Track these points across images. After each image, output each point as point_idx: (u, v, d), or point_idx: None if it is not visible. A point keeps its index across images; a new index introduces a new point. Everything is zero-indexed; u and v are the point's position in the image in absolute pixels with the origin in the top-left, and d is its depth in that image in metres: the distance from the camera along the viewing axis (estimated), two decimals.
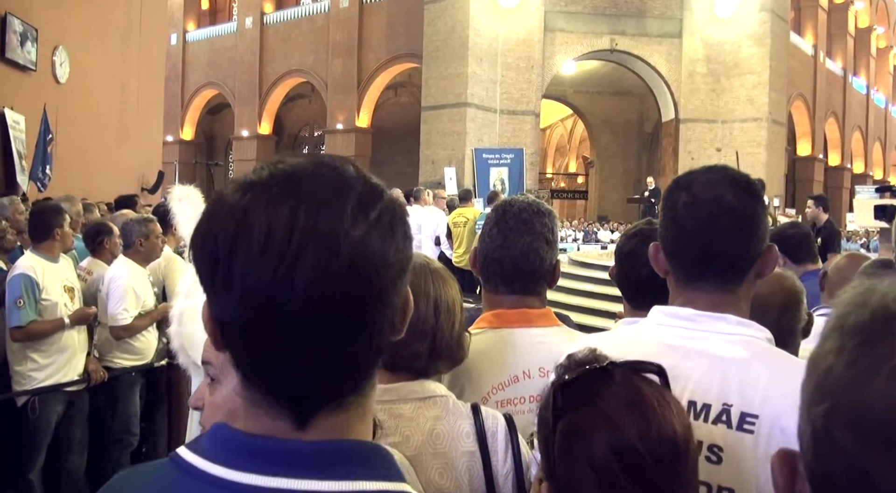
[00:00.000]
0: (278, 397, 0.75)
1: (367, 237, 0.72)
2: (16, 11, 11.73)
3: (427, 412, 1.51)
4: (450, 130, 22.47)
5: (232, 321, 0.74)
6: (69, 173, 12.23)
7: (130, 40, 16.15)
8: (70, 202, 6.42)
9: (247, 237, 0.71)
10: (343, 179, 0.75)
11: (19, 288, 4.49)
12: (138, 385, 5.23)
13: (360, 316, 0.74)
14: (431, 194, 11.56)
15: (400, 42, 27.48)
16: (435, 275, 1.62)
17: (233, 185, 0.76)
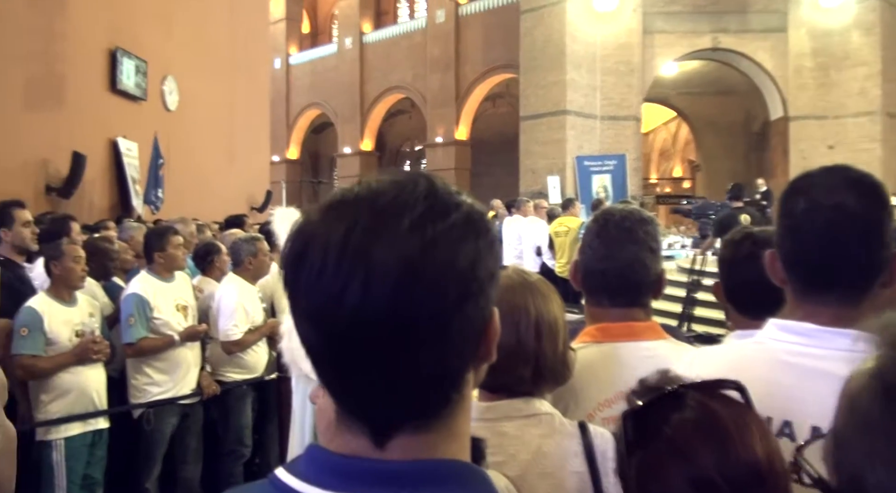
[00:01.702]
0: (355, 415, 0.76)
1: (421, 257, 0.70)
2: (126, 46, 12.34)
3: (532, 431, 1.47)
4: (549, 139, 22.28)
5: (304, 340, 0.75)
6: (181, 196, 12.74)
7: (236, 67, 16.75)
8: (184, 223, 6.66)
9: (308, 258, 0.72)
10: (405, 196, 0.73)
11: (131, 306, 4.72)
12: (250, 398, 5.38)
13: (415, 339, 0.71)
14: (532, 204, 11.49)
15: (496, 53, 27.52)
16: (534, 292, 1.56)
17: (315, 206, 0.77)
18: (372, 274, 0.69)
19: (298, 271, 0.73)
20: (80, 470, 4.25)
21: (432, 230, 0.71)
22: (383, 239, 0.70)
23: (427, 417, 0.75)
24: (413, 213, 0.71)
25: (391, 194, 0.73)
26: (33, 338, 4.13)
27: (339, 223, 0.71)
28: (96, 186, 11.60)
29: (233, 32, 16.79)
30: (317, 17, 40.38)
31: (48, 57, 10.70)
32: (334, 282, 0.70)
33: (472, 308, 0.74)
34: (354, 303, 0.69)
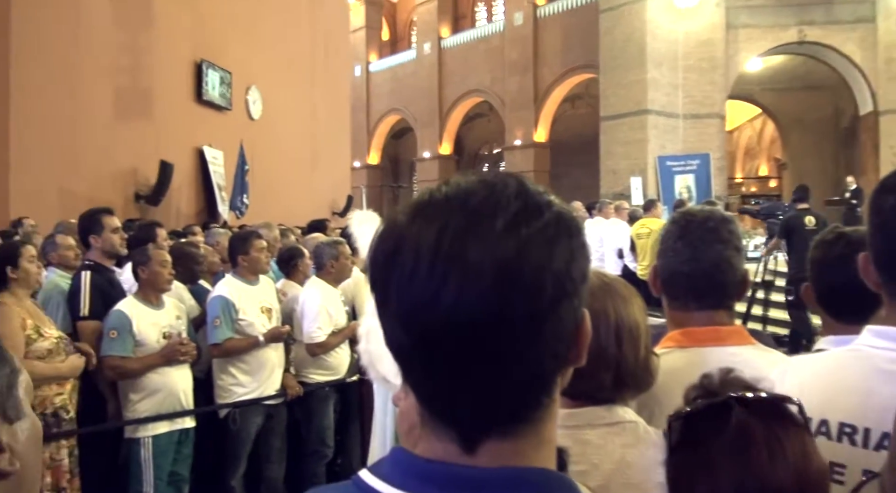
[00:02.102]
0: (444, 419, 0.75)
1: (515, 258, 0.69)
2: (211, 58, 12.71)
3: (616, 439, 1.43)
4: (631, 139, 21.94)
5: (393, 343, 0.74)
6: (265, 201, 13.05)
7: (317, 76, 17.07)
8: (268, 228, 6.79)
9: (400, 260, 0.71)
10: (496, 196, 0.72)
11: (217, 308, 4.84)
12: (332, 400, 5.44)
13: (508, 342, 0.70)
14: (613, 206, 11.34)
15: (575, 54, 27.28)
16: (614, 295, 1.51)
17: (402, 207, 0.76)
18: (467, 275, 0.68)
19: (389, 273, 0.72)
20: (167, 467, 4.37)
21: (526, 230, 0.70)
22: (477, 239, 0.69)
23: (518, 421, 0.74)
24: (506, 213, 0.71)
25: (482, 194, 0.72)
26: (122, 340, 4.26)
27: (431, 224, 0.71)
28: (183, 193, 11.99)
29: (314, 42, 17.12)
30: (396, 24, 40.81)
31: (136, 71, 11.12)
32: (428, 283, 0.69)
33: (565, 309, 0.73)
34: (449, 304, 0.68)
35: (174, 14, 11.84)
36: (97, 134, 9.88)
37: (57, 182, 9.07)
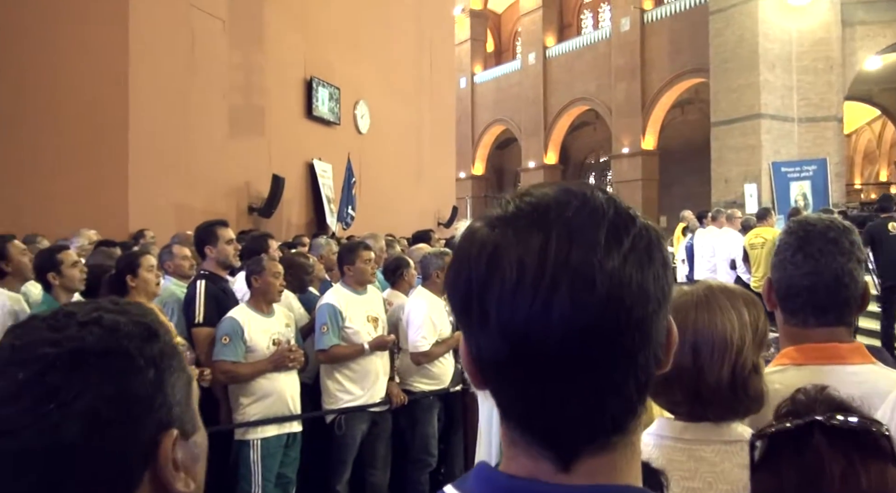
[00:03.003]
0: (536, 436, 0.73)
1: (622, 266, 0.69)
2: (320, 75, 13.08)
3: (732, 459, 1.36)
4: (743, 145, 21.29)
5: (489, 358, 0.72)
6: (371, 212, 13.29)
7: (423, 89, 17.30)
8: (374, 239, 6.92)
9: (500, 272, 0.69)
10: (593, 206, 0.71)
11: (325, 316, 4.97)
12: (436, 409, 5.48)
13: (619, 350, 0.70)
14: (726, 215, 11.01)
15: (684, 58, 26.71)
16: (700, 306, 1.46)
17: (481, 220, 0.75)
18: (578, 285, 0.67)
19: (486, 287, 0.70)
20: (274, 469, 4.50)
21: (627, 239, 0.70)
22: (584, 249, 0.68)
23: (618, 432, 0.73)
24: (606, 222, 0.70)
25: (576, 204, 0.71)
26: (234, 346, 4.43)
27: (530, 236, 0.70)
28: (294, 205, 12.35)
29: (420, 56, 17.38)
30: (500, 35, 40.96)
31: (249, 89, 11.55)
32: (536, 295, 0.68)
33: (662, 316, 0.73)
34: (562, 315, 0.67)
35: (285, 34, 12.24)
36: (212, 150, 10.31)
37: (174, 196, 9.50)
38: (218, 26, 10.64)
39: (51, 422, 0.77)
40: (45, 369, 0.79)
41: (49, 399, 0.78)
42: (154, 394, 0.84)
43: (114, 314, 0.85)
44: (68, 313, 0.85)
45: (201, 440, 0.93)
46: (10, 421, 0.78)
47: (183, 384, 0.89)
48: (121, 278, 4.20)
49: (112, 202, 8.63)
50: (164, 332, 0.89)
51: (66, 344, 0.81)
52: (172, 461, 0.84)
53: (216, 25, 10.61)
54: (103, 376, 0.80)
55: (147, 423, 0.83)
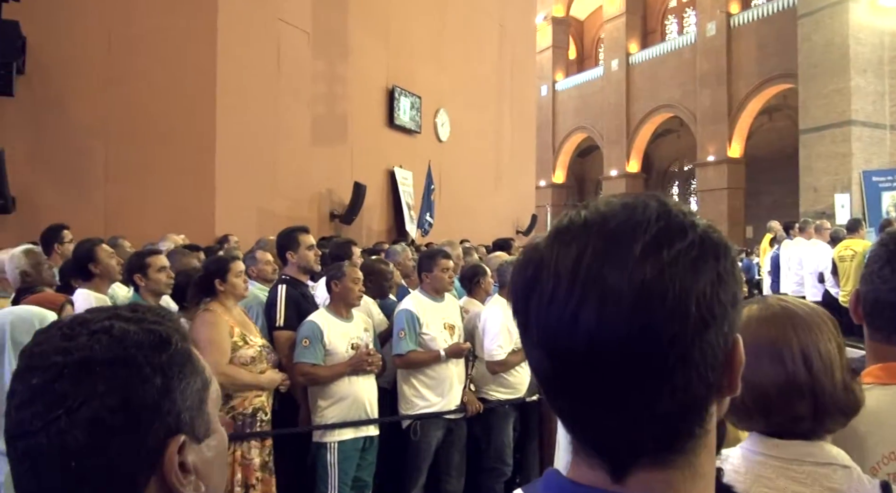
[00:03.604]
0: (588, 445, 0.74)
1: (657, 280, 0.67)
2: (402, 84, 13.25)
3: (825, 482, 1.31)
4: (833, 153, 20.62)
5: (537, 369, 0.74)
6: (450, 220, 13.36)
7: (503, 97, 17.32)
8: (452, 247, 6.94)
9: (539, 285, 0.71)
10: (636, 218, 0.71)
11: (402, 321, 5.03)
12: (512, 418, 5.47)
13: (649, 367, 0.68)
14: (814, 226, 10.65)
15: (772, 63, 26.02)
16: (796, 322, 1.41)
17: (544, 234, 0.77)
18: (605, 298, 0.67)
19: (529, 298, 0.72)
20: (350, 472, 4.56)
21: (668, 252, 0.68)
22: (616, 261, 0.68)
23: (668, 451, 0.71)
24: (647, 234, 0.69)
25: (621, 217, 0.71)
26: (313, 349, 4.53)
27: (569, 248, 0.70)
28: (374, 212, 12.52)
29: (501, 64, 17.41)
30: (583, 42, 40.68)
31: (332, 98, 11.78)
32: (566, 307, 0.68)
33: (714, 335, 0.70)
34: (588, 328, 0.67)
35: (368, 45, 12.44)
36: (296, 157, 10.55)
37: (258, 202, 9.76)
38: (303, 38, 10.90)
39: (59, 428, 0.83)
40: (56, 376, 0.84)
41: (58, 406, 0.83)
42: (161, 401, 0.87)
43: (126, 323, 0.90)
44: (83, 320, 0.90)
45: (217, 443, 0.95)
46: (24, 424, 0.85)
47: (196, 389, 0.92)
48: (209, 281, 4.34)
49: (199, 208, 8.90)
50: (178, 338, 0.92)
51: (75, 353, 0.86)
52: (180, 465, 0.87)
53: (301, 37, 10.87)
54: (109, 385, 0.84)
55: (153, 429, 0.86)
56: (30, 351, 0.89)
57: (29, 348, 0.90)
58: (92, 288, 4.54)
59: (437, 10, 14.37)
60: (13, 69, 7.52)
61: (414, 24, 13.64)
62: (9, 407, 0.87)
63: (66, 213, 7.04)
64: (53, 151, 8.36)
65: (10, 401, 0.87)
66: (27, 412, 0.85)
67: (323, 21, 11.33)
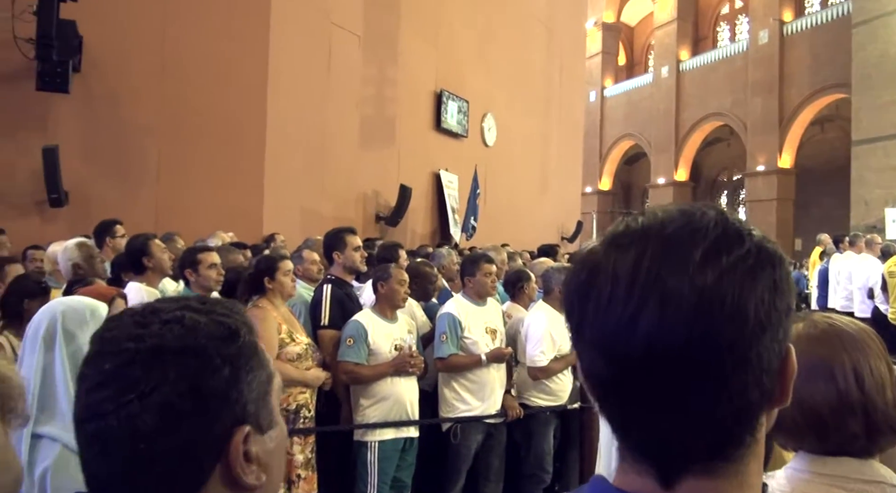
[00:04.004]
0: (637, 452, 0.74)
1: (716, 285, 0.68)
2: (450, 88, 13.31)
3: None
4: (886, 166, 20.19)
5: (589, 371, 0.74)
6: (495, 224, 13.37)
7: (551, 102, 17.29)
8: (496, 252, 6.93)
9: (596, 287, 0.72)
10: (695, 226, 0.71)
11: (445, 325, 5.04)
12: (552, 425, 5.44)
13: (707, 371, 0.68)
14: (865, 240, 10.41)
15: (825, 73, 25.58)
16: (845, 340, 1.39)
17: (598, 239, 0.77)
18: (666, 301, 0.67)
19: (585, 301, 0.72)
20: (390, 472, 4.60)
21: (727, 258, 0.69)
22: (676, 266, 0.68)
23: (718, 459, 0.71)
24: (706, 240, 0.70)
25: (680, 222, 0.72)
26: (357, 348, 4.58)
27: (627, 252, 0.71)
28: (419, 214, 12.57)
29: (550, 70, 17.38)
30: (633, 48, 40.43)
31: (381, 101, 11.86)
32: (625, 309, 0.69)
33: (769, 342, 0.70)
34: (648, 330, 0.68)
35: (418, 48, 12.50)
36: (343, 159, 10.64)
37: (305, 202, 9.86)
38: (354, 41, 10.99)
39: (130, 411, 0.85)
40: (128, 362, 0.87)
41: (129, 390, 0.85)
42: (229, 391, 0.89)
43: (196, 314, 0.92)
44: (155, 309, 0.92)
45: (279, 435, 0.96)
46: (96, 406, 0.87)
47: (261, 382, 0.93)
48: (259, 279, 4.41)
49: (248, 206, 9.02)
50: (246, 331, 0.94)
51: (148, 340, 0.88)
52: (244, 455, 0.89)
53: (352, 40, 10.96)
54: (179, 373, 0.86)
55: (221, 418, 0.88)
56: (101, 336, 0.91)
57: (101, 333, 0.92)
58: (144, 282, 4.63)
59: (486, 15, 14.38)
60: (69, 67, 7.71)
61: (463, 28, 13.67)
62: (79, 391, 0.89)
63: (118, 208, 7.20)
64: (107, 147, 8.54)
65: (80, 385, 0.90)
66: (98, 396, 0.87)
67: (374, 24, 11.42)
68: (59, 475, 2.34)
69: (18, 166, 8.07)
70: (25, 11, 7.31)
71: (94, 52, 8.32)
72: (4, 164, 8.03)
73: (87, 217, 7.11)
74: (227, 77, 9.07)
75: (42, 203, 8.07)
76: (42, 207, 8.09)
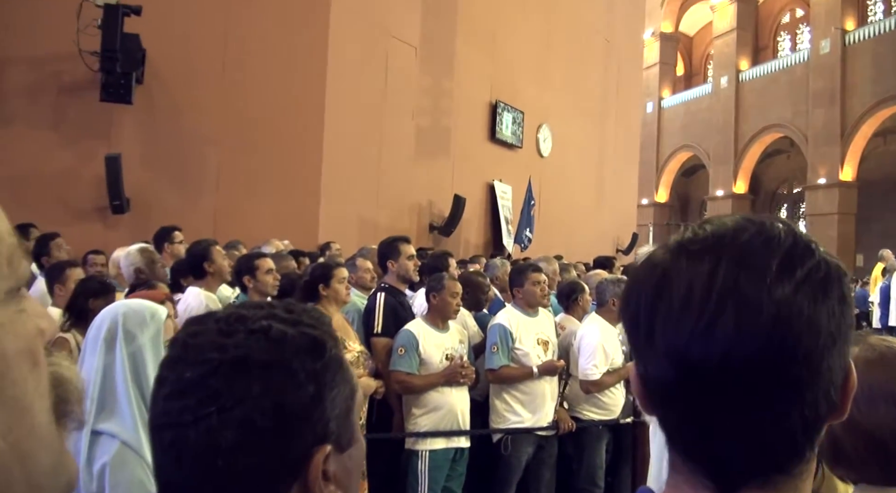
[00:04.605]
0: (699, 464, 0.73)
1: (792, 297, 0.68)
2: (505, 99, 13.33)
3: None
4: None
5: (655, 380, 0.74)
6: (549, 235, 13.33)
7: (607, 113, 17.20)
8: (547, 262, 6.92)
9: (668, 294, 0.71)
10: (768, 236, 0.71)
11: (496, 336, 5.03)
12: (605, 439, 5.40)
13: (782, 381, 0.68)
14: None
15: (888, 83, 24.88)
16: None
17: (660, 247, 0.77)
18: (744, 310, 0.68)
19: (654, 309, 0.72)
20: (440, 481, 4.61)
21: (801, 270, 0.69)
22: (754, 275, 0.69)
23: (779, 473, 0.71)
24: (780, 251, 0.70)
25: (752, 231, 0.72)
26: (409, 357, 4.60)
27: (702, 260, 0.71)
28: (472, 224, 12.59)
29: (606, 80, 17.27)
30: (691, 58, 39.96)
31: (436, 112, 11.93)
32: (701, 317, 0.69)
33: (837, 354, 0.70)
34: (725, 338, 0.68)
35: (474, 60, 12.55)
36: (399, 169, 10.73)
37: (360, 211, 9.97)
38: (410, 53, 11.08)
39: (210, 425, 0.82)
40: (210, 372, 0.83)
41: (210, 402, 0.82)
42: (312, 409, 0.85)
43: (283, 325, 0.88)
44: (241, 316, 0.88)
45: (357, 452, 0.93)
46: (173, 415, 0.84)
47: (344, 398, 0.90)
48: (314, 286, 4.47)
49: (304, 215, 9.15)
50: (332, 344, 0.90)
51: (232, 351, 0.84)
52: (323, 474, 0.85)
53: (409, 52, 11.06)
54: (263, 388, 0.83)
55: (302, 436, 0.85)
56: (184, 341, 0.89)
57: (183, 337, 0.89)
58: (203, 287, 4.73)
59: (542, 26, 14.37)
60: (132, 79, 7.96)
61: (519, 39, 13.68)
62: (156, 395, 0.88)
63: (178, 215, 7.35)
64: (168, 156, 8.75)
65: (158, 388, 0.88)
66: (177, 404, 0.85)
67: (430, 36, 11.50)
68: (117, 470, 2.40)
69: (82, 174, 8.32)
70: (90, 25, 7.55)
71: (156, 64, 8.55)
72: (69, 171, 8.30)
73: (147, 223, 7.29)
74: (285, 88, 9.23)
75: (104, 209, 8.31)
76: (104, 213, 8.33)
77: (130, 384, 2.44)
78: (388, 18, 10.61)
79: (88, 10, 7.60)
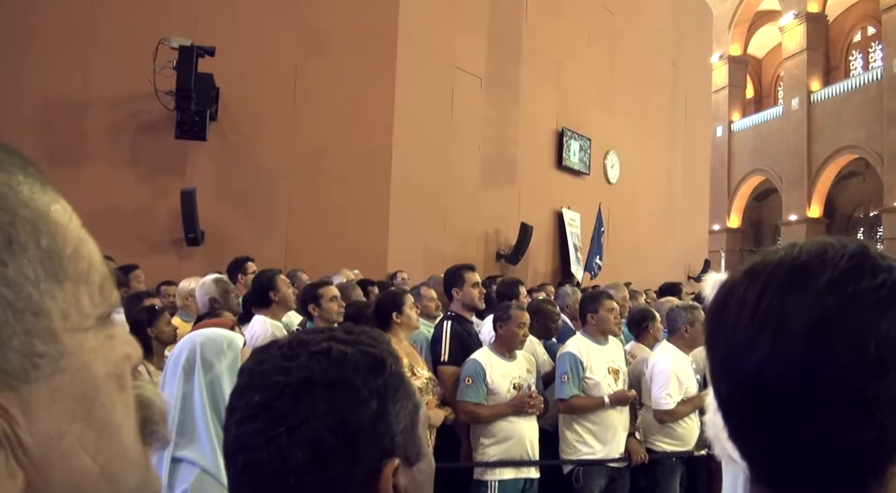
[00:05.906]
0: (766, 483, 0.73)
1: (836, 314, 0.67)
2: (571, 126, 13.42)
3: None
4: None
5: (718, 397, 0.75)
6: (619, 262, 13.19)
7: (676, 138, 17.01)
8: (617, 289, 6.84)
9: (725, 314, 0.73)
10: (829, 254, 0.70)
11: (566, 365, 4.99)
12: (679, 472, 5.26)
13: (823, 401, 0.67)
14: None
15: None
16: None
17: (735, 271, 0.78)
18: (782, 328, 0.68)
19: (716, 327, 0.75)
20: None
21: (854, 288, 0.67)
22: (797, 293, 0.69)
23: (841, 489, 0.68)
24: (834, 270, 0.69)
25: (814, 252, 0.72)
26: (476, 387, 4.60)
27: (758, 279, 0.72)
28: (540, 252, 12.55)
29: (674, 105, 17.10)
30: (761, 81, 39.30)
31: (502, 141, 11.98)
32: (745, 335, 0.70)
33: (892, 382, 0.66)
34: (762, 356, 0.68)
35: (539, 88, 12.58)
36: (465, 198, 10.79)
37: (427, 241, 10.05)
38: (476, 84, 11.18)
39: (280, 445, 0.85)
40: (277, 395, 0.87)
41: (279, 423, 0.85)
42: (377, 424, 0.88)
43: (343, 345, 0.91)
44: (302, 341, 0.92)
45: (426, 466, 0.95)
46: (245, 439, 0.88)
47: (408, 413, 0.92)
48: (387, 313, 4.53)
49: (373, 245, 9.25)
50: (392, 361, 0.93)
51: (296, 373, 0.88)
52: (394, 488, 0.88)
53: (475, 83, 11.16)
54: (328, 406, 0.86)
55: (369, 451, 0.87)
56: (251, 369, 0.93)
57: (250, 366, 0.94)
58: (269, 315, 4.82)
59: (607, 52, 14.33)
60: (206, 116, 8.23)
61: (585, 66, 13.67)
62: (228, 422, 0.91)
63: (251, 246, 7.51)
64: (240, 189, 8.97)
65: (230, 416, 0.92)
66: (248, 428, 0.88)
67: (496, 66, 11.59)
68: None
69: (158, 208, 8.60)
70: (166, 67, 7.83)
71: (229, 101, 8.81)
72: (145, 206, 8.59)
73: (221, 255, 7.47)
74: (354, 122, 9.39)
75: (179, 242, 8.55)
76: (179, 245, 8.58)
77: (209, 412, 2.49)
78: (454, 50, 10.74)
79: (164, 52, 7.88)
